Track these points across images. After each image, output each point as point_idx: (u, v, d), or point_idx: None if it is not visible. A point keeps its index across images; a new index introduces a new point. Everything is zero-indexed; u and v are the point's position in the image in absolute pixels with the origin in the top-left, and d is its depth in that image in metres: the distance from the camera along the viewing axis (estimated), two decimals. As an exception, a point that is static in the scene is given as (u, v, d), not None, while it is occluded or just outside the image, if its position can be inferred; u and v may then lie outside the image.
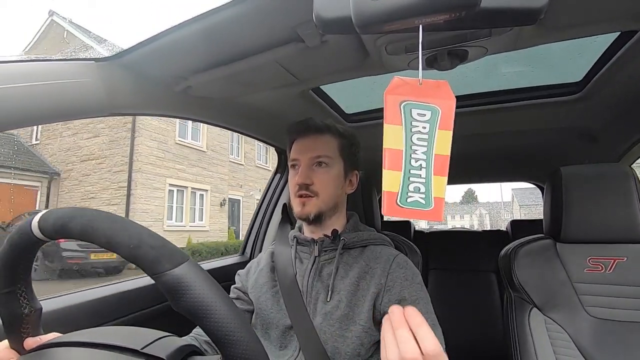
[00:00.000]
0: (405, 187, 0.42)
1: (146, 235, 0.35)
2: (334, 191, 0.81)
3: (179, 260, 0.34)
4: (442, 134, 0.42)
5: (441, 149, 0.42)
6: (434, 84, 0.42)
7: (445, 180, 0.42)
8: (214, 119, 1.02)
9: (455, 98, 0.42)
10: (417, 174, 0.42)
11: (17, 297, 0.40)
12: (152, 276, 0.33)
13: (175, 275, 0.33)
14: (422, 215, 0.42)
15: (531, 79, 1.08)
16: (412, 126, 0.42)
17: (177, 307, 0.33)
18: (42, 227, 0.36)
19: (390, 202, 0.43)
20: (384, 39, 0.64)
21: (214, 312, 0.32)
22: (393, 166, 0.42)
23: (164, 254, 0.34)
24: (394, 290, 0.72)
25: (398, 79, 0.43)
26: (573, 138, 1.33)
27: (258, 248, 1.44)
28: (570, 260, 0.87)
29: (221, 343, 0.32)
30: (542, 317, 0.86)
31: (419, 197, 0.42)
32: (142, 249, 0.34)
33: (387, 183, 0.43)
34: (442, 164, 0.42)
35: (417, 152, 0.42)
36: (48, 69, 0.60)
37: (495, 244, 1.63)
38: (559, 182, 0.88)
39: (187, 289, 0.32)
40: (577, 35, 0.63)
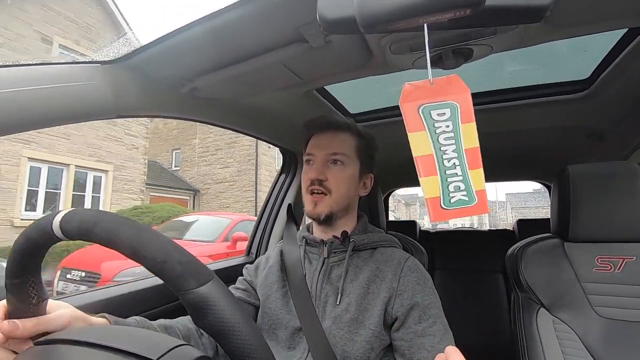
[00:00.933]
0: (445, 189, 0.42)
1: (173, 250, 0.35)
2: (347, 191, 0.80)
3: (205, 279, 0.34)
4: (466, 127, 0.41)
5: (469, 142, 0.41)
6: (444, 80, 0.42)
7: (481, 172, 0.42)
8: (219, 120, 1.02)
9: (468, 89, 0.41)
10: (454, 173, 0.42)
11: (27, 288, 0.40)
12: (177, 292, 0.34)
13: (200, 293, 0.33)
14: (470, 212, 0.42)
15: (537, 77, 1.07)
16: (436, 127, 0.42)
17: (200, 325, 0.33)
18: (64, 227, 0.36)
19: (435, 208, 0.42)
20: (388, 39, 0.63)
21: (237, 332, 0.33)
22: (428, 172, 0.42)
23: (190, 271, 0.34)
24: (406, 295, 0.71)
25: (409, 85, 0.43)
26: (580, 136, 1.32)
27: (263, 248, 1.44)
28: (578, 259, 0.86)
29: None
30: (550, 317, 0.85)
31: (462, 195, 0.42)
32: (168, 264, 0.34)
33: (427, 190, 0.42)
34: (474, 157, 0.42)
35: (447, 152, 0.42)
36: (55, 72, 0.61)
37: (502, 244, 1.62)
38: (567, 181, 0.87)
39: (211, 308, 0.33)
40: (584, 32, 0.63)
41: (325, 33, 0.61)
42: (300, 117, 1.10)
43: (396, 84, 1.07)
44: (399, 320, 0.71)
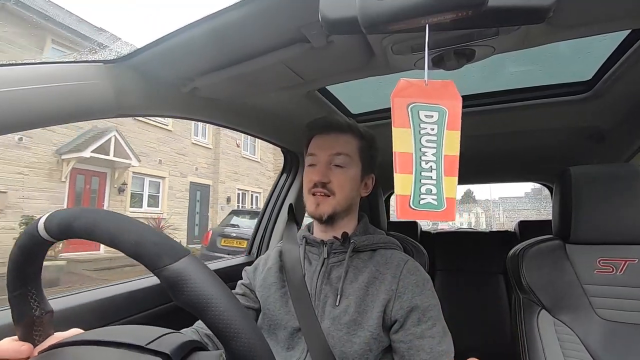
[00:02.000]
0: (417, 190, 0.43)
1: (147, 232, 0.36)
2: (350, 193, 0.80)
3: (179, 255, 0.34)
4: (450, 134, 0.42)
5: (450, 149, 0.42)
6: (440, 84, 0.42)
7: (455, 181, 0.42)
8: (220, 119, 1.02)
9: (461, 98, 0.42)
10: (428, 176, 0.42)
11: (28, 300, 0.40)
12: (153, 271, 0.34)
13: (175, 269, 0.34)
14: (435, 217, 0.42)
15: (539, 78, 1.06)
16: (421, 128, 0.42)
17: (178, 300, 0.33)
18: (47, 228, 0.37)
19: (403, 206, 0.43)
20: (389, 39, 0.63)
21: (214, 304, 0.33)
22: (404, 169, 0.43)
23: (164, 249, 0.35)
24: (405, 297, 0.71)
25: (404, 81, 0.43)
26: (582, 138, 1.32)
27: (264, 248, 1.44)
28: (579, 261, 0.86)
29: (222, 335, 0.33)
30: (551, 319, 0.85)
31: (431, 199, 0.42)
32: (143, 244, 0.34)
33: (399, 186, 0.43)
34: (452, 165, 0.42)
35: (426, 154, 0.42)
36: (57, 70, 0.61)
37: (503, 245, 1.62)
38: (568, 183, 0.87)
39: (187, 282, 0.33)
40: (587, 33, 0.63)
41: (327, 33, 0.61)
42: (301, 117, 1.10)
43: (398, 84, 1.08)
44: (398, 323, 0.71)
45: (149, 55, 0.68)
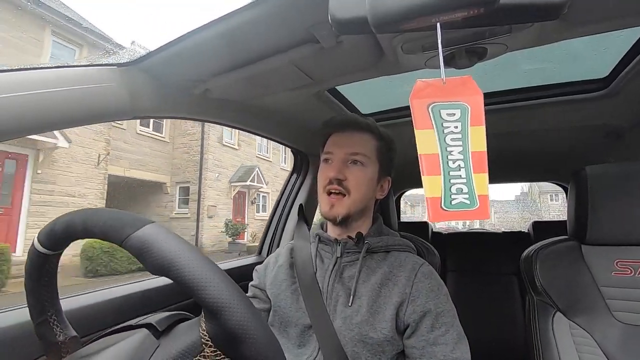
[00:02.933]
0: (447, 190, 0.42)
1: (112, 212, 0.38)
2: (366, 193, 0.79)
3: (143, 223, 0.36)
4: (475, 130, 0.41)
5: (477, 145, 0.41)
6: (458, 81, 0.41)
7: (486, 177, 0.41)
8: (231, 120, 1.03)
9: (481, 92, 0.41)
10: (457, 175, 0.41)
11: (50, 326, 0.42)
12: (121, 245, 0.36)
13: (139, 236, 0.35)
14: (469, 216, 0.41)
15: (554, 76, 1.04)
16: (444, 127, 0.41)
17: (147, 267, 0.35)
18: (40, 241, 0.39)
19: (435, 208, 0.42)
20: (400, 38, 0.63)
21: (180, 262, 0.34)
22: (431, 171, 0.42)
23: (126, 221, 0.36)
24: (419, 301, 0.70)
25: (421, 82, 0.42)
26: (598, 136, 1.28)
27: (274, 248, 1.45)
28: (596, 263, 0.84)
29: (194, 290, 0.33)
30: (567, 321, 0.83)
31: (463, 198, 0.41)
32: (107, 223, 0.36)
33: (428, 189, 0.42)
34: (480, 161, 0.41)
35: (453, 153, 0.41)
36: (74, 74, 0.62)
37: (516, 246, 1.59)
38: (584, 182, 0.85)
39: (152, 246, 0.34)
40: (603, 29, 0.61)
41: (336, 33, 0.61)
42: (311, 117, 1.10)
43: (408, 83, 1.06)
44: (410, 327, 0.70)
45: (162, 58, 0.69)
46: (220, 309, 0.33)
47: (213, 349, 0.35)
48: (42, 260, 0.40)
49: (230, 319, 0.33)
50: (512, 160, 1.69)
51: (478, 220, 0.39)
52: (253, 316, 0.34)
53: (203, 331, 0.35)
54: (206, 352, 0.35)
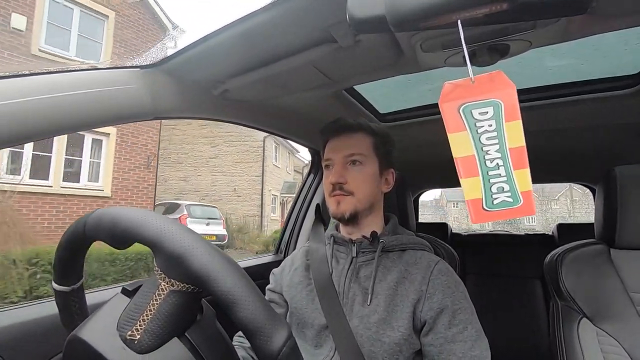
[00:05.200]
0: (488, 191, 0.41)
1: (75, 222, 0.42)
2: (370, 190, 0.80)
3: (93, 211, 0.41)
4: (510, 125, 0.40)
5: (514, 141, 0.40)
6: (486, 77, 0.40)
7: (527, 172, 0.40)
8: (249, 120, 1.04)
9: (514, 85, 0.39)
10: (497, 174, 0.40)
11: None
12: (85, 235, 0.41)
13: (91, 219, 0.40)
14: (514, 213, 0.40)
15: (581, 73, 1.00)
16: (477, 127, 0.40)
17: (107, 241, 0.40)
18: (55, 280, 0.44)
19: (477, 210, 0.41)
20: (419, 36, 0.62)
21: (123, 220, 0.38)
22: (469, 173, 0.41)
23: (80, 220, 0.41)
24: (435, 298, 0.70)
25: (449, 85, 0.41)
26: (629, 135, 1.23)
27: (292, 247, 1.46)
28: (626, 267, 0.80)
29: (136, 235, 0.38)
30: (594, 328, 0.80)
31: (505, 197, 0.41)
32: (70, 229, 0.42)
33: (468, 191, 0.41)
34: (520, 156, 0.40)
35: (490, 152, 0.40)
36: (99, 76, 0.65)
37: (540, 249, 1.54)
38: (614, 183, 0.82)
39: (103, 219, 0.40)
40: (634, 23, 0.58)
41: (354, 33, 0.60)
42: (329, 117, 1.10)
43: (427, 82, 1.05)
44: (427, 325, 0.69)
45: (182, 60, 0.71)
46: (159, 238, 0.37)
47: (167, 280, 0.37)
48: (65, 298, 0.45)
49: (169, 244, 0.36)
50: (538, 161, 1.64)
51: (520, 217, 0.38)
52: (190, 234, 0.37)
53: (156, 269, 0.38)
54: (162, 285, 0.38)
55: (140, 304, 0.38)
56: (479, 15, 0.39)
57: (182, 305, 0.38)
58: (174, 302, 0.37)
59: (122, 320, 0.38)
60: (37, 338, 0.66)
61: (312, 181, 1.49)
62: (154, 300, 0.37)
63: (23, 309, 0.70)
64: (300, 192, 1.51)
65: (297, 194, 1.53)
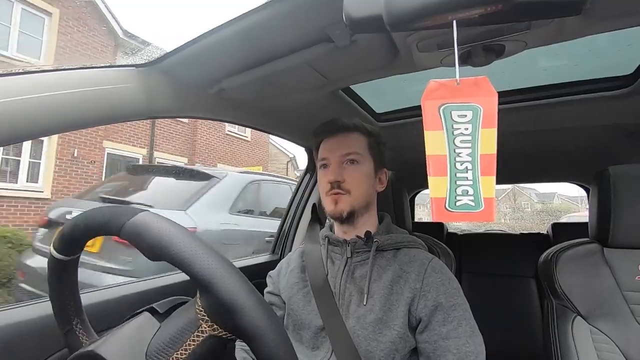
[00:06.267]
0: (452, 192, 0.42)
1: (108, 207, 0.39)
2: (366, 189, 0.81)
3: (135, 212, 0.37)
4: (485, 132, 0.41)
5: (486, 148, 0.41)
6: (472, 81, 0.41)
7: (493, 180, 0.41)
8: (245, 120, 1.04)
9: (496, 93, 0.40)
10: (464, 177, 0.41)
11: (77, 335, 0.44)
12: (119, 235, 0.37)
13: (133, 223, 0.37)
14: (473, 217, 0.42)
15: (575, 74, 1.01)
16: (454, 129, 0.41)
17: (144, 253, 0.36)
18: (56, 248, 0.41)
19: (439, 208, 0.42)
20: (415, 36, 0.62)
21: (174, 243, 0.35)
22: (438, 172, 0.42)
23: (118, 212, 0.38)
24: (430, 296, 0.70)
25: (434, 83, 0.42)
26: (622, 136, 1.24)
27: (288, 247, 1.45)
28: (619, 266, 0.81)
29: (184, 266, 0.35)
30: (588, 326, 0.81)
31: (468, 200, 0.42)
32: (105, 218, 0.38)
33: (434, 189, 0.42)
34: (489, 164, 0.41)
35: (461, 154, 0.41)
36: (94, 75, 0.64)
37: (535, 248, 1.55)
38: (607, 183, 0.82)
39: (146, 231, 0.36)
40: (627, 24, 0.59)
41: (351, 32, 0.60)
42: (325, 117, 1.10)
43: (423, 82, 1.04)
44: (423, 322, 0.70)
45: (178, 59, 0.71)
46: (210, 281, 0.34)
47: (210, 323, 0.36)
48: (61, 266, 0.42)
49: (221, 290, 0.34)
50: (532, 161, 1.65)
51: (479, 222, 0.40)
52: (243, 285, 0.35)
53: (199, 307, 0.37)
54: (203, 327, 0.36)
55: (176, 340, 0.37)
56: (474, 15, 0.39)
57: (216, 349, 0.37)
58: (210, 346, 0.36)
59: (153, 349, 0.36)
60: (31, 339, 0.65)
61: (309, 181, 1.49)
62: (191, 340, 0.36)
63: (18, 309, 0.69)
64: (297, 192, 1.51)
65: (294, 193, 1.52)
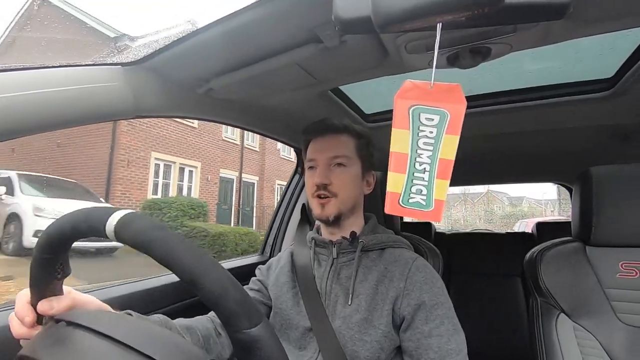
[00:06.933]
0: (407, 189, 0.45)
1: (231, 286, 0.35)
2: (353, 192, 0.81)
3: (256, 320, 0.35)
4: (448, 138, 0.42)
5: (446, 153, 0.43)
6: (445, 87, 0.42)
7: (447, 184, 0.44)
8: (234, 120, 1.03)
9: (466, 102, 0.41)
10: (420, 177, 0.44)
11: (56, 264, 0.41)
12: (228, 330, 0.34)
13: (252, 335, 0.34)
14: (422, 216, 0.45)
15: (559, 76, 1.03)
16: (420, 130, 0.43)
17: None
18: (117, 230, 0.35)
19: (392, 202, 0.46)
20: (403, 38, 0.63)
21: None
22: (398, 169, 0.45)
23: (244, 311, 0.34)
24: (414, 294, 0.71)
25: (409, 83, 0.43)
26: (604, 137, 1.27)
27: (277, 248, 1.45)
28: (601, 264, 0.83)
29: None
30: (571, 323, 0.83)
31: (420, 199, 0.45)
32: (225, 301, 0.34)
33: (391, 184, 0.45)
34: (446, 168, 0.43)
35: (422, 156, 0.43)
36: (78, 73, 0.63)
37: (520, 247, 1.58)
38: (589, 183, 0.85)
39: (261, 350, 0.34)
40: (608, 29, 0.61)
41: (340, 33, 0.60)
42: (314, 117, 1.10)
43: (412, 83, 1.06)
44: (406, 321, 0.70)
45: (166, 58, 0.70)
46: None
47: None
48: (97, 235, 0.38)
49: None
50: (517, 161, 1.68)
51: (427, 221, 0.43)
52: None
53: None
54: None
55: None
56: (461, 18, 0.40)
57: None
58: None
59: None
60: None
61: (298, 181, 1.48)
62: None
63: None
64: (286, 193, 1.50)
65: (283, 194, 1.52)
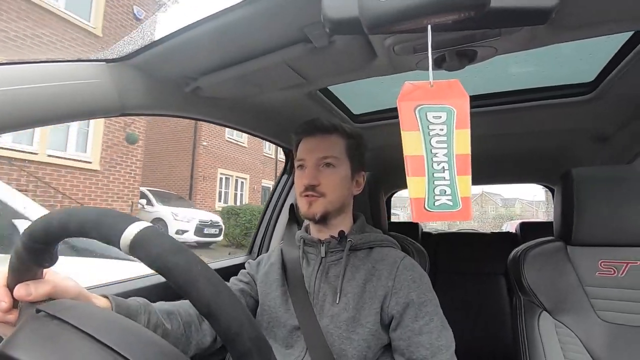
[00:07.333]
0: (431, 192, 0.43)
1: (247, 322, 0.34)
2: (341, 192, 0.81)
3: (266, 356, 0.34)
4: (460, 133, 0.42)
5: (461, 148, 0.42)
6: (445, 84, 0.42)
7: (469, 179, 0.42)
8: (222, 119, 1.02)
9: (467, 95, 0.42)
10: (441, 177, 0.42)
11: (45, 254, 0.40)
12: None
13: None
14: (452, 217, 0.43)
15: (542, 80, 1.06)
16: (430, 130, 0.42)
17: None
18: (133, 245, 0.34)
19: (418, 208, 0.43)
20: (392, 39, 0.63)
21: None
22: (416, 172, 0.43)
23: (257, 348, 0.34)
24: (401, 293, 0.72)
25: (409, 85, 0.43)
26: (584, 139, 1.31)
27: (265, 248, 1.44)
28: (581, 263, 0.86)
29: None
30: (552, 321, 0.85)
31: (446, 200, 0.43)
32: (241, 337, 0.33)
33: (413, 190, 0.43)
34: (464, 163, 0.42)
35: (437, 155, 0.42)
36: (60, 69, 0.61)
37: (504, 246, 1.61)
38: (570, 184, 0.87)
39: None
40: (589, 35, 0.62)
41: (329, 33, 0.61)
42: (303, 117, 1.10)
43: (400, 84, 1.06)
44: (395, 319, 0.71)
45: (152, 55, 0.68)
46: None
47: None
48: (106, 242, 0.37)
49: None
50: (501, 162, 1.72)
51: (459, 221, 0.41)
52: None
53: None
54: None
55: None
56: (448, 20, 0.40)
57: None
58: None
59: None
60: None
61: (286, 181, 1.48)
62: None
63: None
64: (274, 192, 1.50)
65: (271, 193, 1.51)
